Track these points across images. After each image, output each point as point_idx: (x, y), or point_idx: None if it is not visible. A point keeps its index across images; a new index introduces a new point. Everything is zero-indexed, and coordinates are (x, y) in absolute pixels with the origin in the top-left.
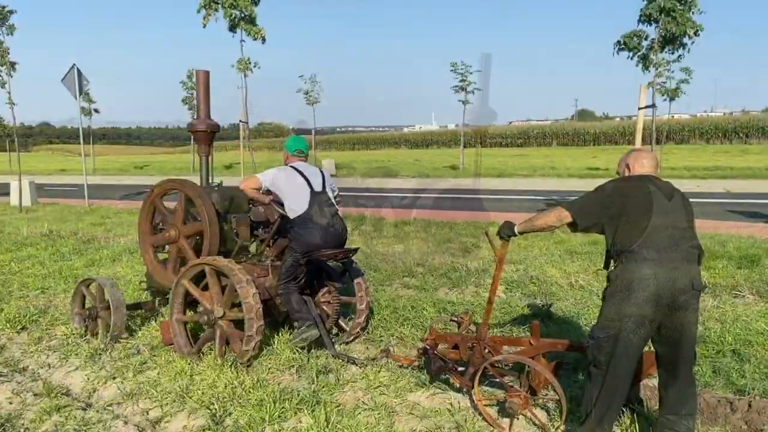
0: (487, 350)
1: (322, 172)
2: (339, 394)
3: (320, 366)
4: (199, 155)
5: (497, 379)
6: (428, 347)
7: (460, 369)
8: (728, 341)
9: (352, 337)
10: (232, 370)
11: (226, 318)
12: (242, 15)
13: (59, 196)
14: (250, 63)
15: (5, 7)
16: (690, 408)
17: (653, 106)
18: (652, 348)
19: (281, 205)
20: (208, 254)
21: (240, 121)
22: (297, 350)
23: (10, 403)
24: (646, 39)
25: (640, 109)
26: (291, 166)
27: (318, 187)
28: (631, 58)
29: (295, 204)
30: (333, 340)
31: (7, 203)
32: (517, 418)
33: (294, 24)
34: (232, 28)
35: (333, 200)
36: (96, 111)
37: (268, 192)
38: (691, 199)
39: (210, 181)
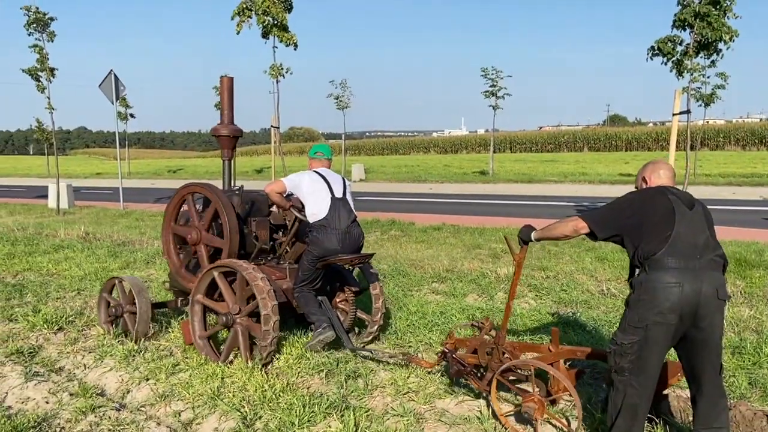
0: (505, 355)
1: (343, 179)
2: (368, 400)
3: (349, 371)
4: (222, 159)
5: (515, 385)
6: (447, 351)
7: (480, 374)
8: (765, 352)
9: (369, 338)
10: (262, 374)
11: (243, 315)
12: (275, 22)
13: (95, 199)
14: (282, 69)
15: (46, 14)
16: (722, 421)
17: (688, 111)
18: (676, 358)
19: (300, 210)
20: (228, 257)
21: (271, 126)
22: (326, 355)
23: (47, 403)
24: (680, 44)
25: (674, 114)
26: (315, 171)
27: (339, 194)
28: (666, 64)
29: (316, 208)
30: (351, 338)
31: (45, 206)
32: (536, 424)
33: (324, 29)
34: (265, 35)
35: (352, 207)
36: (132, 116)
37: (290, 196)
38: (726, 207)
39: (232, 184)
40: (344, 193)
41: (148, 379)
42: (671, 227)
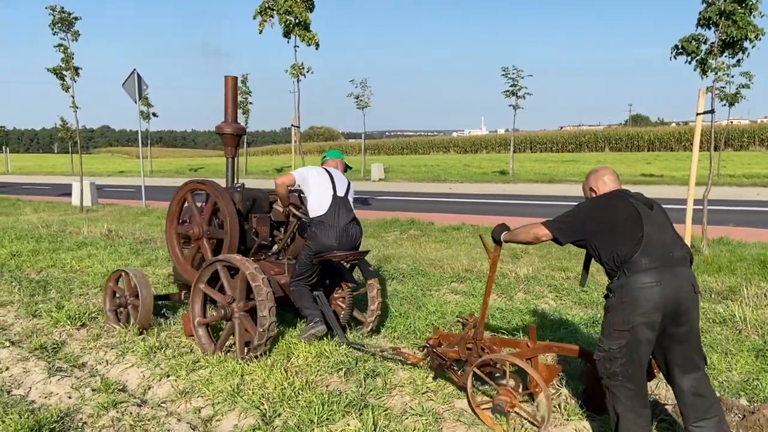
0: (484, 350)
1: (349, 182)
2: (386, 399)
3: (368, 369)
4: (226, 157)
5: (490, 378)
6: (429, 345)
7: (462, 368)
8: None
9: (368, 329)
10: (281, 372)
11: (241, 310)
12: (297, 21)
13: (118, 197)
14: (303, 68)
15: (71, 14)
16: (716, 410)
17: (712, 111)
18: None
19: (298, 208)
20: (228, 251)
21: (292, 125)
22: (345, 353)
23: (69, 398)
24: (705, 43)
25: (698, 114)
26: (323, 167)
27: (341, 193)
28: (690, 63)
29: (317, 204)
30: (347, 333)
31: (69, 203)
32: (507, 417)
33: (344, 28)
34: (287, 34)
35: (352, 206)
36: (154, 115)
37: (291, 192)
38: (750, 208)
39: (235, 182)
40: (346, 193)
41: (168, 376)
42: (641, 229)
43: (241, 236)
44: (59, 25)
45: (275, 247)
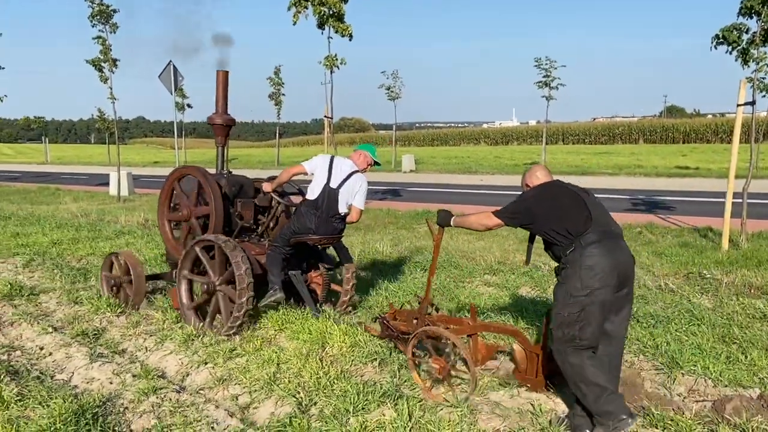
0: (427, 324)
1: (350, 174)
2: (421, 390)
3: (402, 360)
4: (216, 145)
5: (427, 346)
6: (381, 317)
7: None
8: None
9: (343, 308)
10: (317, 361)
11: (222, 282)
12: (331, 12)
13: (154, 187)
14: (336, 59)
15: (109, 6)
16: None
17: (753, 102)
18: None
19: (283, 195)
20: (213, 231)
21: (324, 116)
22: (380, 344)
23: (111, 383)
24: (746, 32)
25: (738, 105)
26: (332, 156)
27: (334, 184)
28: (730, 53)
29: (312, 190)
30: (321, 308)
31: (106, 193)
32: (437, 382)
33: (376, 17)
34: (321, 25)
35: (340, 199)
36: (189, 106)
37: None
38: None
39: (224, 169)
40: (339, 186)
41: (206, 363)
42: (586, 209)
43: (226, 218)
44: (98, 17)
45: (259, 230)
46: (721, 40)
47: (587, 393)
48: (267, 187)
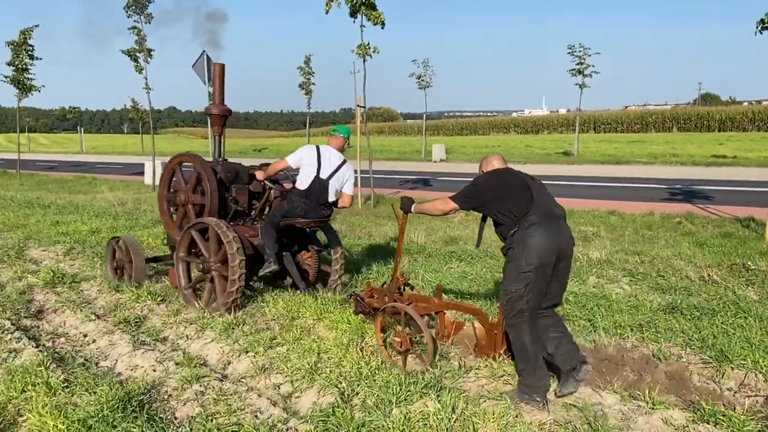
0: (395, 301)
1: (341, 163)
2: (462, 382)
3: (442, 351)
4: (213, 135)
5: (393, 321)
6: (356, 294)
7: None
8: None
9: (333, 287)
10: (357, 351)
11: (216, 262)
12: (363, 0)
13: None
14: (369, 48)
15: None
16: (563, 329)
17: None
18: None
19: (275, 182)
20: (209, 215)
21: (357, 105)
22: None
23: (154, 371)
24: None
25: None
26: (317, 146)
27: (324, 175)
28: None
29: (301, 181)
30: (313, 286)
31: (141, 182)
32: (398, 354)
33: (405, 4)
34: (353, 14)
35: (330, 189)
36: None
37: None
38: None
39: (221, 156)
40: (330, 176)
41: (247, 352)
42: (530, 193)
43: (221, 202)
44: (133, 7)
45: (253, 213)
46: (767, 25)
47: (525, 367)
48: (260, 175)
